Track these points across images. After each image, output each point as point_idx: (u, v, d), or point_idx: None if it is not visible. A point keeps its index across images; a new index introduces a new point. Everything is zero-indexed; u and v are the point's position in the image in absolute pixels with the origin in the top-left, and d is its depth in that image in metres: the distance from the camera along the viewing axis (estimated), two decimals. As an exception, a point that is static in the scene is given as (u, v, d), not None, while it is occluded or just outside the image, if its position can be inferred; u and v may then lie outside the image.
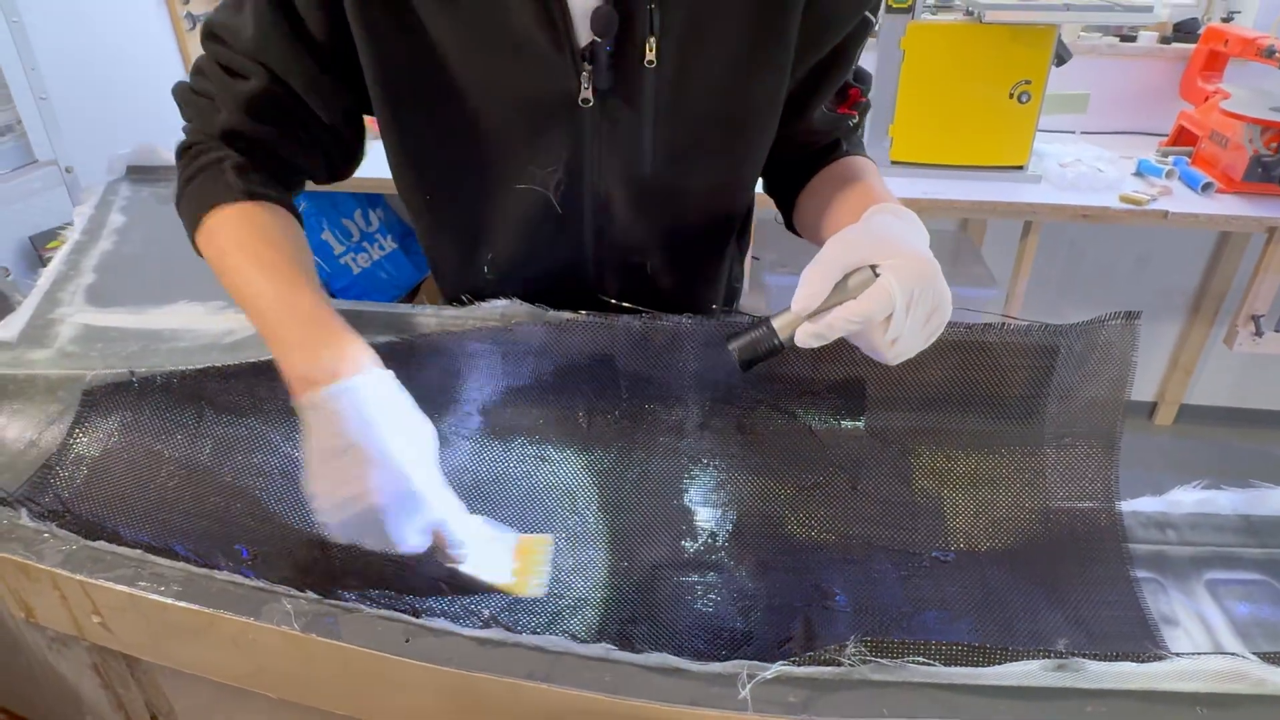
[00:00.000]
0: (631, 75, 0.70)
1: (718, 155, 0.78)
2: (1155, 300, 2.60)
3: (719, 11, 0.69)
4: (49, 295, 0.92)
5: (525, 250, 0.81)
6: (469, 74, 0.70)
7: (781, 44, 0.72)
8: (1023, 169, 1.99)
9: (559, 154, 0.74)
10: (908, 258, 0.56)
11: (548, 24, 0.67)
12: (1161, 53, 2.31)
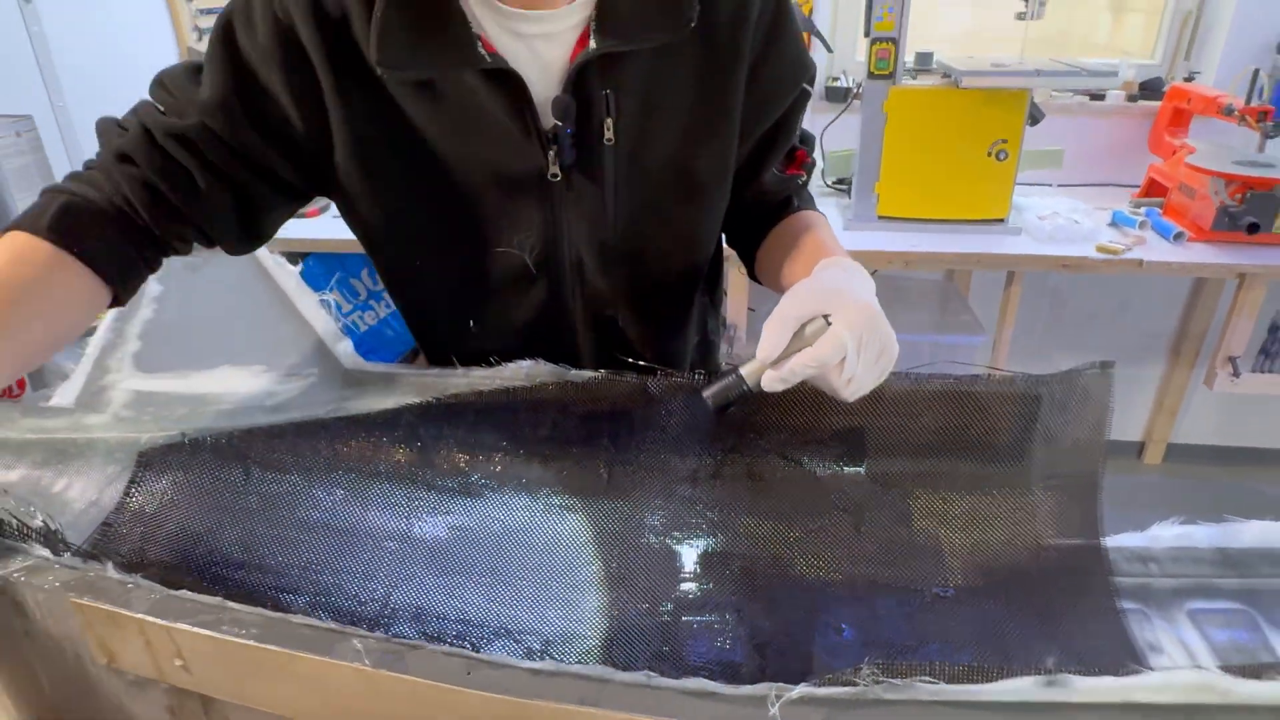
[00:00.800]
0: (592, 152, 0.78)
1: (674, 218, 0.86)
2: (1137, 343, 2.70)
3: (668, 91, 0.77)
4: (99, 362, 0.98)
5: (507, 310, 0.88)
6: (447, 154, 0.78)
7: (727, 119, 0.81)
8: (1004, 222, 2.10)
9: (533, 222, 0.82)
10: (855, 307, 0.64)
11: (515, 111, 0.75)
12: (1129, 110, 2.44)
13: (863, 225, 2.10)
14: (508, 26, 0.74)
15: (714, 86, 0.78)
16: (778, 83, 0.82)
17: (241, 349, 1.01)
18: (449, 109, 0.75)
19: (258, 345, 1.02)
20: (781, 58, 0.81)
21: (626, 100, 0.77)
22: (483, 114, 0.75)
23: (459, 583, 0.77)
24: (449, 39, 0.71)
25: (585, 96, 0.75)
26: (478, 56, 0.71)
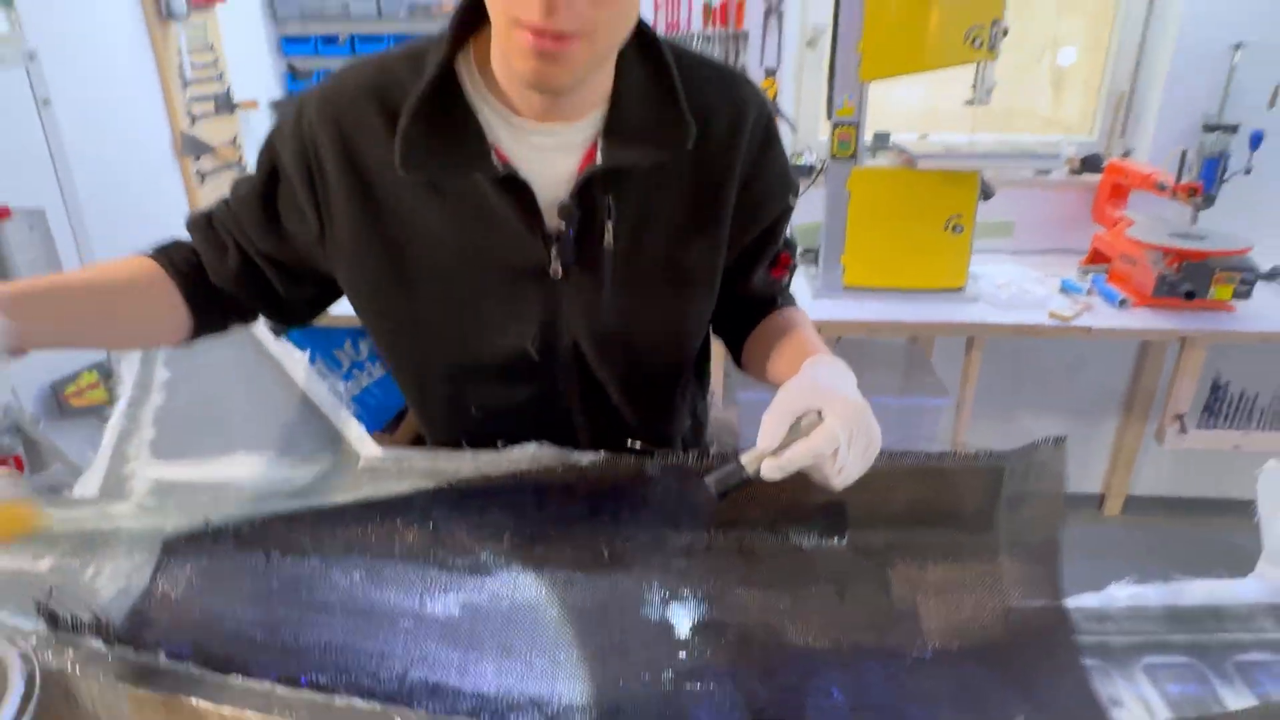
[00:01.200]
0: (592, 252, 0.86)
1: (666, 313, 0.94)
2: (1092, 400, 2.83)
3: (665, 200, 0.86)
4: (118, 450, 1.03)
5: (507, 394, 0.95)
6: (455, 251, 0.85)
7: (718, 226, 0.89)
8: (962, 290, 2.23)
9: (535, 314, 0.89)
10: (846, 403, 0.72)
11: (523, 214, 0.82)
12: (1073, 183, 2.61)
13: (830, 294, 2.21)
14: (521, 137, 0.82)
15: (707, 198, 0.87)
16: (766, 197, 0.91)
17: (255, 435, 1.06)
18: (460, 210, 0.83)
19: (270, 432, 1.07)
20: (770, 175, 0.90)
21: (626, 207, 0.84)
22: (492, 215, 0.83)
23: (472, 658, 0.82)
24: (466, 149, 0.79)
25: (589, 203, 0.83)
26: (491, 165, 0.79)
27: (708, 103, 0.83)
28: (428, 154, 0.79)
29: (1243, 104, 2.39)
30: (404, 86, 0.79)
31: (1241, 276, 2.08)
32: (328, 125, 0.81)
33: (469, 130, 0.79)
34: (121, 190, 1.90)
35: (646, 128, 0.81)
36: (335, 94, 0.81)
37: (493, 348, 0.91)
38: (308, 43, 2.61)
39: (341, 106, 0.80)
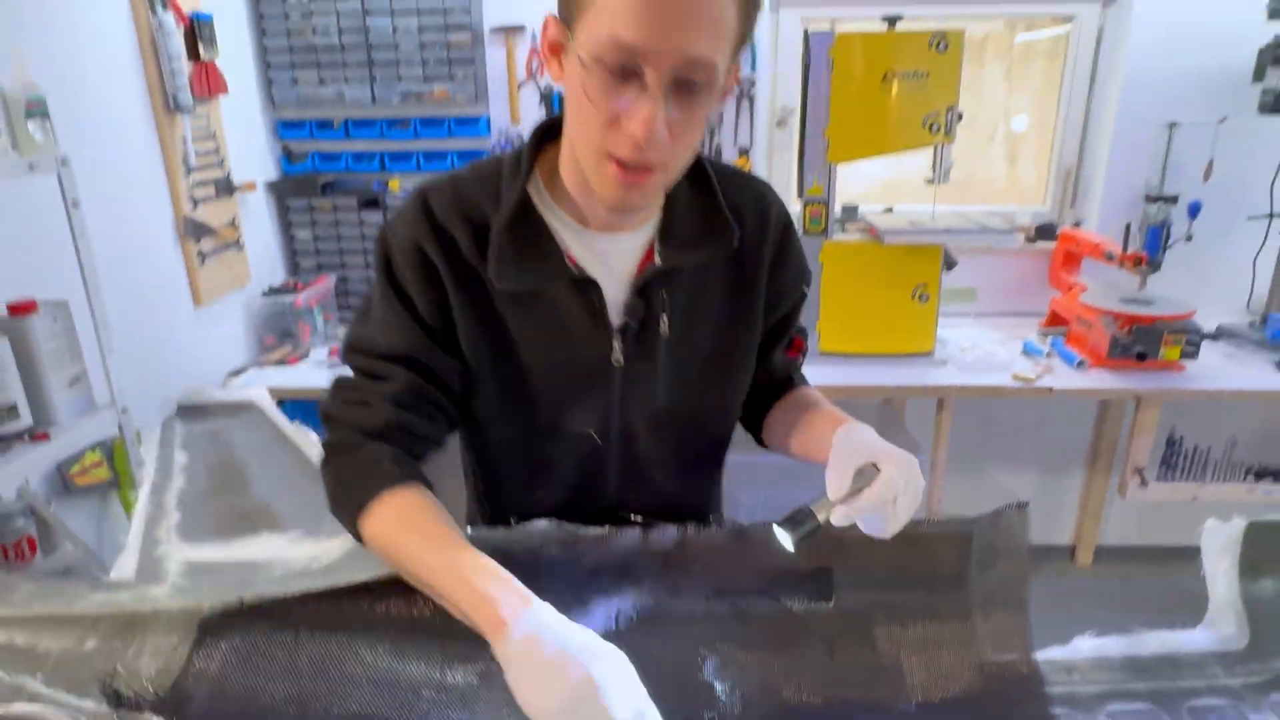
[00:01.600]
0: (650, 342, 0.96)
1: (711, 393, 1.04)
2: (1058, 454, 2.96)
3: (709, 292, 0.97)
4: (148, 535, 1.09)
5: (571, 473, 1.03)
6: (532, 346, 0.95)
7: (753, 312, 1.01)
8: (930, 354, 2.35)
9: (598, 402, 0.99)
10: (899, 456, 0.82)
11: (591, 311, 0.93)
12: (1029, 250, 2.78)
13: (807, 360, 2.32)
14: (588, 244, 0.92)
15: (743, 289, 0.99)
16: (786, 286, 1.02)
17: (277, 515, 1.12)
18: (537, 310, 0.93)
19: (292, 511, 1.13)
20: (789, 266, 1.02)
21: (677, 300, 0.95)
22: (563, 312, 0.93)
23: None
24: (545, 259, 0.90)
25: (647, 298, 0.94)
26: (566, 270, 0.90)
27: (739, 206, 0.96)
28: (516, 267, 0.89)
29: (1181, 177, 2.58)
30: (482, 207, 0.90)
31: (1188, 338, 2.23)
32: (432, 241, 0.90)
33: (545, 242, 0.91)
34: (130, 276, 1.98)
35: (696, 232, 0.93)
36: (430, 217, 0.90)
37: (558, 432, 1.00)
38: (303, 127, 2.73)
39: (439, 227, 0.90)
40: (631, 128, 0.75)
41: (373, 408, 0.90)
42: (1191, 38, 2.53)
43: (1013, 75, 3.37)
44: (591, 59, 0.74)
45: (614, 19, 0.72)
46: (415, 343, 0.91)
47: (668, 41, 0.72)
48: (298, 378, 2.40)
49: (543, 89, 2.69)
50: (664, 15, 0.71)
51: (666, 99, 0.74)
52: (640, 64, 0.73)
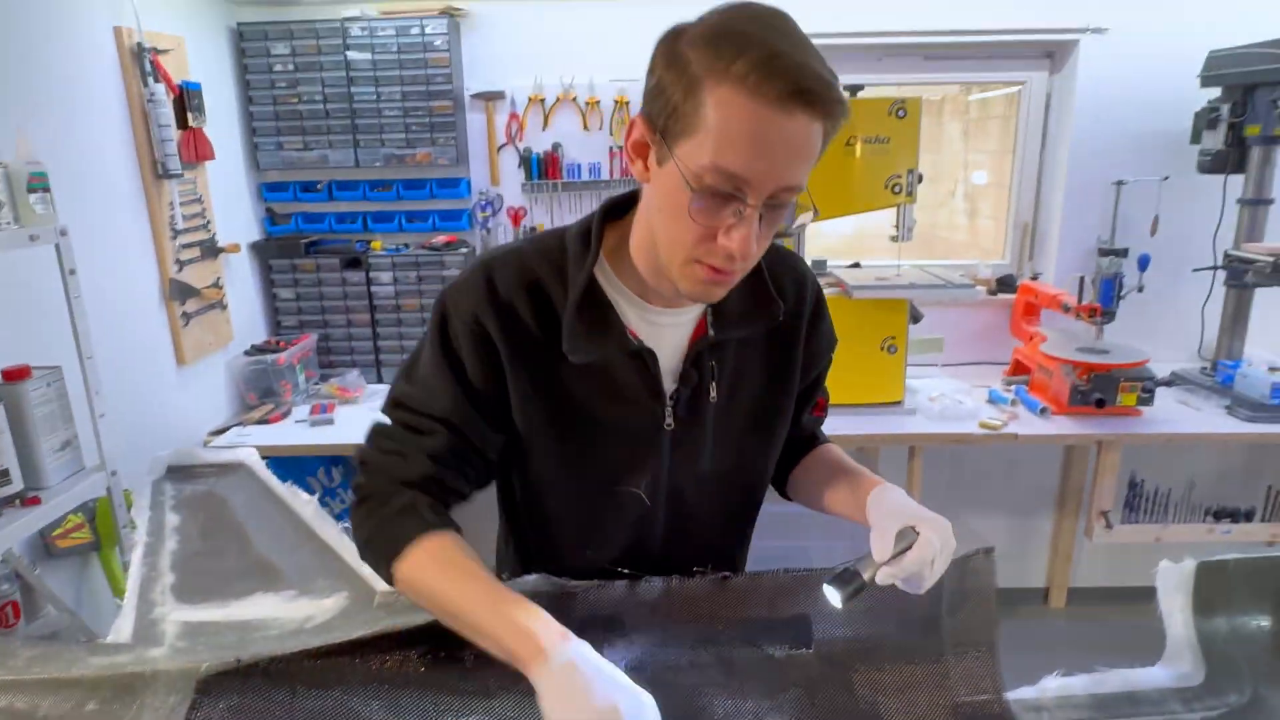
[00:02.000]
0: (699, 407, 1.02)
1: (752, 453, 1.10)
2: (1028, 498, 3.04)
3: (751, 360, 1.04)
4: (143, 597, 1.11)
5: (620, 532, 1.07)
6: (591, 412, 1.00)
7: (791, 378, 1.07)
8: (900, 404, 2.43)
9: (648, 463, 1.04)
10: (936, 520, 0.89)
11: (647, 381, 0.99)
12: (992, 302, 2.90)
13: (782, 411, 2.39)
14: (646, 318, 0.97)
15: (782, 356, 1.05)
16: (818, 353, 1.10)
17: (271, 575, 1.15)
18: (597, 377, 0.98)
19: (285, 570, 1.16)
20: (821, 335, 1.09)
21: (724, 368, 1.01)
22: (622, 380, 0.98)
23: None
24: (609, 332, 0.96)
25: (698, 367, 1.01)
26: (628, 342, 0.96)
27: (781, 281, 1.03)
28: (585, 341, 0.95)
29: (1130, 232, 2.72)
30: (545, 283, 0.95)
31: (1143, 385, 2.34)
32: (492, 313, 0.95)
33: (610, 317, 0.96)
34: (115, 338, 2.01)
35: (745, 308, 1.00)
36: (492, 290, 0.95)
37: (610, 491, 1.05)
38: (287, 189, 2.80)
39: (500, 300, 0.95)
40: (729, 245, 0.81)
41: (410, 459, 0.95)
42: (1133, 102, 2.70)
43: (970, 134, 3.55)
44: (696, 180, 0.79)
45: (722, 150, 0.76)
46: (459, 408, 0.96)
47: (771, 175, 0.77)
48: (280, 435, 2.42)
49: (521, 152, 2.79)
50: (771, 153, 0.76)
51: (760, 217, 0.81)
52: (743, 191, 0.78)
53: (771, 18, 0.79)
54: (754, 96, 0.75)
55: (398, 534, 0.91)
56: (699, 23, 0.81)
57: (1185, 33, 2.60)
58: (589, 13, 2.69)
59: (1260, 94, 2.37)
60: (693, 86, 0.77)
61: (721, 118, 0.76)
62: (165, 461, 1.51)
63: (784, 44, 0.76)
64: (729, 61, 0.75)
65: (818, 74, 0.75)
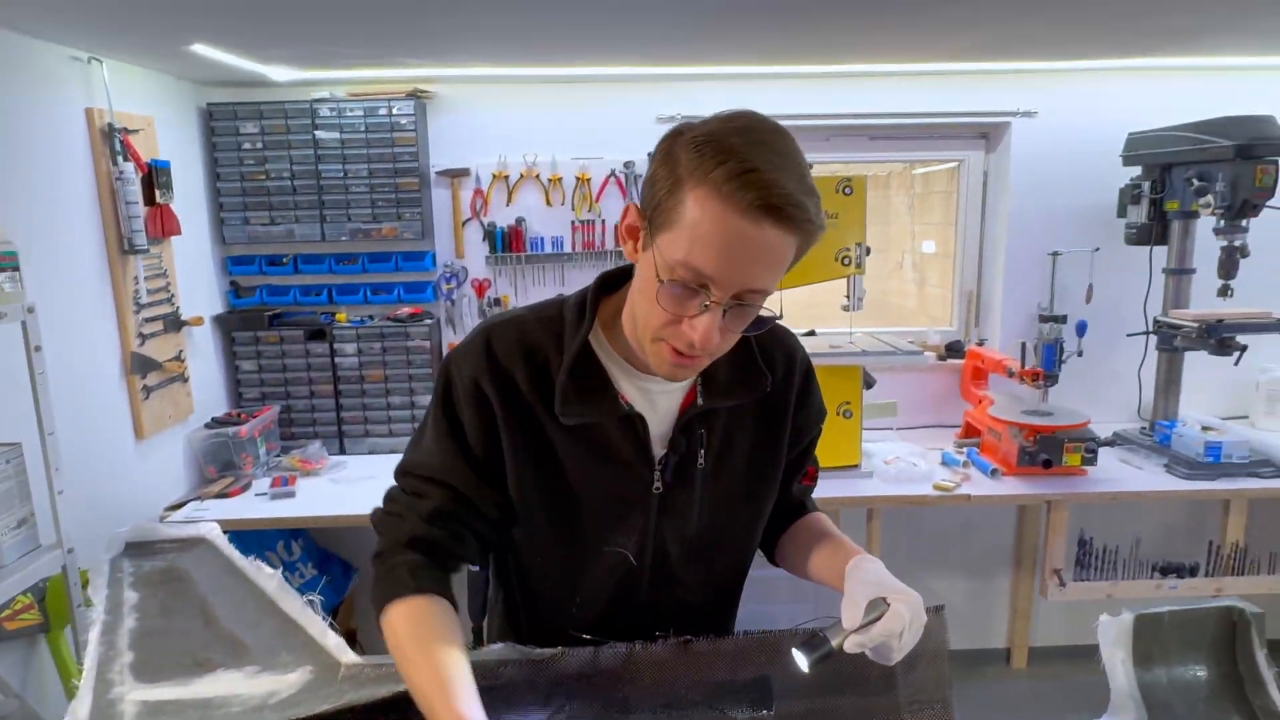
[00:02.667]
0: (687, 473, 1.06)
1: (739, 519, 1.13)
2: (985, 558, 3.10)
3: (741, 428, 1.08)
4: (100, 676, 1.09)
5: (605, 592, 1.10)
6: (581, 475, 1.03)
7: (779, 447, 1.12)
8: (857, 468, 2.50)
9: (636, 525, 1.07)
10: (907, 594, 0.92)
11: (637, 447, 1.03)
12: (942, 367, 3.01)
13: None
14: (638, 385, 1.02)
15: (771, 426, 1.09)
16: (807, 424, 1.14)
17: (234, 651, 1.14)
18: (588, 441, 1.02)
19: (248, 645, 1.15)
20: (811, 408, 1.14)
21: (713, 436, 1.05)
22: (613, 444, 1.02)
23: None
24: (602, 398, 1.00)
25: (687, 434, 1.05)
26: (619, 407, 1.01)
27: (771, 355, 1.08)
28: (578, 404, 0.99)
29: (1067, 299, 2.87)
30: (543, 349, 1.01)
31: (1086, 445, 2.43)
32: (490, 377, 1.00)
33: (602, 383, 1.01)
34: (76, 413, 2.00)
35: (734, 379, 1.04)
36: (491, 355, 1.00)
37: (598, 551, 1.08)
38: (253, 263, 2.83)
39: (500, 366, 1.00)
40: (691, 335, 0.87)
41: (406, 521, 1.00)
42: (1063, 178, 2.88)
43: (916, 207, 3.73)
44: (668, 271, 0.85)
45: (693, 248, 0.83)
46: (458, 470, 1.01)
47: (736, 277, 0.83)
48: (239, 509, 2.40)
49: (486, 226, 2.87)
50: (737, 257, 0.82)
51: (724, 312, 0.86)
52: (709, 286, 0.84)
53: (765, 133, 0.85)
54: (726, 203, 0.80)
55: (384, 595, 0.97)
56: (700, 126, 0.87)
57: (1106, 116, 2.80)
58: (551, 95, 2.81)
59: (1176, 173, 2.56)
60: (677, 185, 0.84)
61: (695, 218, 0.82)
62: (124, 538, 1.50)
63: (764, 160, 0.81)
64: (710, 168, 0.81)
65: (788, 192, 0.81)
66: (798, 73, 2.76)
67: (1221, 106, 2.51)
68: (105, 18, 1.82)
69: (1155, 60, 2.68)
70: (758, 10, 1.89)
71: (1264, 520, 2.87)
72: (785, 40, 2.26)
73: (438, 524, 1.00)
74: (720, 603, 1.21)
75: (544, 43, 2.25)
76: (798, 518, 1.22)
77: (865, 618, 0.91)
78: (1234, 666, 1.20)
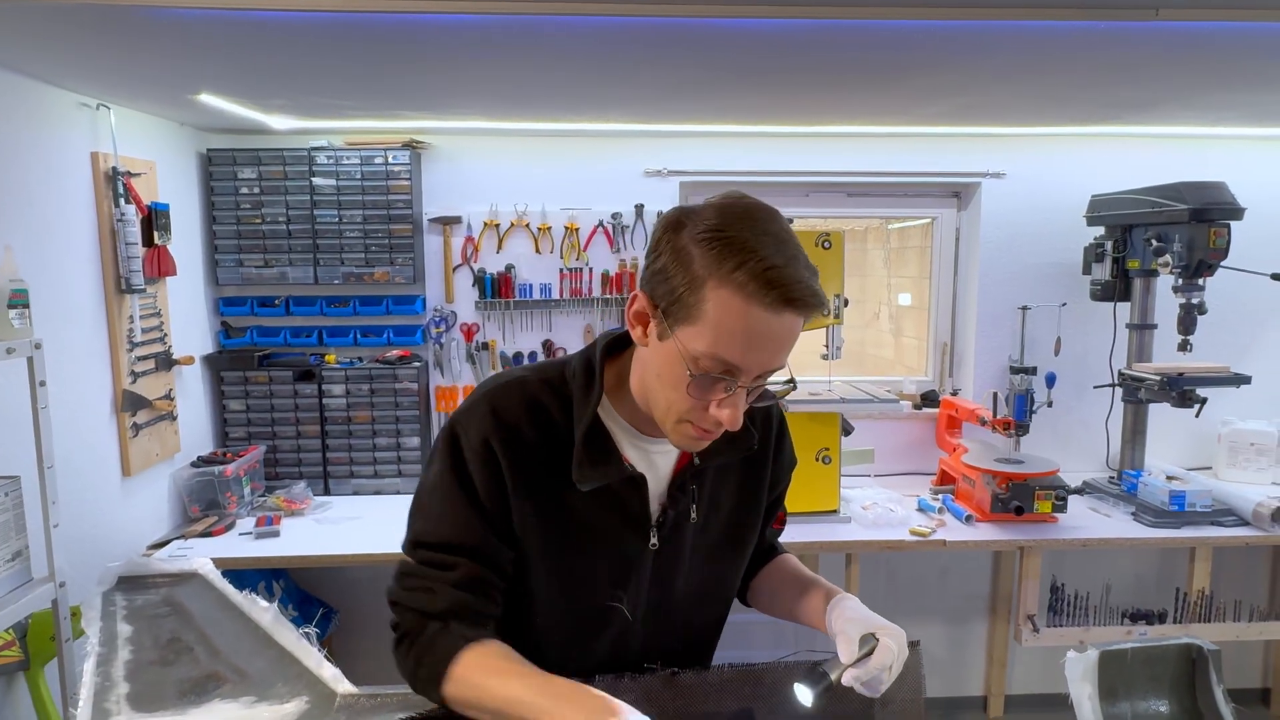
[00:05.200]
0: (680, 528, 1.11)
1: (725, 566, 1.18)
2: (962, 604, 3.14)
3: (726, 483, 1.13)
4: (97, 705, 1.11)
5: (601, 646, 1.13)
6: (585, 533, 1.07)
7: (760, 498, 1.17)
8: (836, 513, 2.56)
9: (631, 579, 1.11)
10: (894, 629, 0.99)
11: (638, 505, 1.07)
12: (918, 415, 3.09)
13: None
14: (638, 446, 1.06)
15: (752, 478, 1.15)
16: (781, 473, 1.21)
17: (230, 682, 1.16)
18: (595, 501, 1.06)
19: (244, 676, 1.17)
20: (784, 456, 1.20)
21: (703, 492, 1.11)
22: (613, 503, 1.06)
23: None
24: (609, 462, 1.04)
25: (683, 491, 1.09)
26: (624, 469, 1.05)
27: (751, 411, 1.09)
28: (591, 470, 1.03)
29: (1037, 352, 2.97)
30: (549, 412, 1.03)
31: (1056, 493, 2.51)
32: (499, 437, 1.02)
33: (609, 447, 1.05)
34: (68, 449, 2.01)
35: (727, 437, 1.03)
36: (498, 415, 1.02)
37: (599, 607, 1.11)
38: (244, 304, 2.87)
39: (507, 426, 1.02)
40: (720, 417, 0.92)
41: (437, 593, 1.00)
42: (1031, 236, 3.02)
43: (892, 260, 3.86)
44: (694, 364, 0.90)
45: (719, 342, 0.88)
46: (476, 533, 1.02)
47: (760, 364, 0.90)
48: (222, 548, 2.39)
49: (476, 272, 2.94)
50: (762, 347, 0.88)
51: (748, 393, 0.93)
52: (734, 374, 0.90)
53: (765, 221, 0.90)
54: (751, 302, 0.86)
55: (440, 659, 0.97)
56: (700, 218, 0.91)
57: (1071, 179, 2.95)
58: (542, 148, 2.92)
59: (1136, 233, 2.69)
60: (696, 283, 0.88)
61: (721, 316, 0.87)
62: (116, 572, 1.52)
63: (777, 254, 0.87)
64: (731, 270, 0.86)
65: (805, 282, 0.87)
66: (779, 132, 2.89)
67: (1177, 172, 2.67)
68: (118, 68, 1.89)
69: (1115, 128, 2.84)
70: (739, 76, 2.01)
71: (1230, 568, 2.95)
72: (766, 103, 2.38)
73: (469, 590, 1.01)
74: (702, 646, 1.25)
75: (535, 101, 2.35)
76: (768, 560, 1.28)
77: (860, 652, 0.98)
78: (1194, 702, 1.26)
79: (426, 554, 1.03)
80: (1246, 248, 2.58)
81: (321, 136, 2.81)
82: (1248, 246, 2.60)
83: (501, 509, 1.04)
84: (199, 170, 2.77)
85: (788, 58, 1.83)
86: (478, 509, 1.02)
